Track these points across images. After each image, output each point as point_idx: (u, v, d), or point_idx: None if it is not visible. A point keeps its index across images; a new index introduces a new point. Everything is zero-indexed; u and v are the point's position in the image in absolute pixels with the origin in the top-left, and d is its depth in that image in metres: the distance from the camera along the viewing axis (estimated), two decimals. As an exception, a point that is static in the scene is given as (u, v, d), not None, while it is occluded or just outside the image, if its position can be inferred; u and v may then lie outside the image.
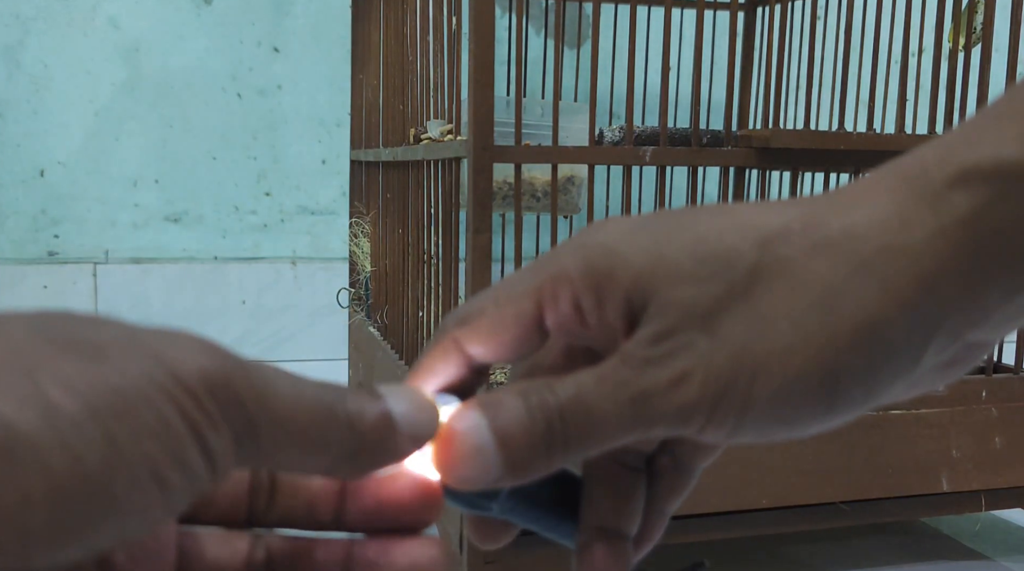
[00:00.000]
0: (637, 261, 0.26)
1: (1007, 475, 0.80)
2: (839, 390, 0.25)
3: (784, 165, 0.79)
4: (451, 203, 0.80)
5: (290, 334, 1.64)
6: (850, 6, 0.83)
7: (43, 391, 0.19)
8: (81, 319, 0.22)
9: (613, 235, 0.27)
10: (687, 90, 0.95)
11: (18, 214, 1.55)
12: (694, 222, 0.26)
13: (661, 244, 0.26)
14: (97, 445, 0.19)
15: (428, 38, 0.89)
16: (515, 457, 0.25)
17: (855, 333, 0.24)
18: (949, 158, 0.24)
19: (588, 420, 0.25)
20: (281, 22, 1.61)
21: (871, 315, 0.24)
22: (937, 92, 0.80)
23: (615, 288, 0.26)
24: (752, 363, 0.25)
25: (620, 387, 0.25)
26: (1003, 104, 0.25)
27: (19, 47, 1.52)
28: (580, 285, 0.26)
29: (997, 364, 0.83)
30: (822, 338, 0.24)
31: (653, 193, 0.77)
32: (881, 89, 1.11)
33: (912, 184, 0.25)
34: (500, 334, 0.28)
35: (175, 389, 0.21)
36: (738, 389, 0.25)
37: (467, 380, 0.29)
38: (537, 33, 1.55)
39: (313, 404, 0.24)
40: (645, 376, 0.25)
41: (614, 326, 0.26)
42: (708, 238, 0.26)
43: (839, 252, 0.25)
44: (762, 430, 0.25)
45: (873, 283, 0.24)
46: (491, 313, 0.28)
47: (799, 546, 0.90)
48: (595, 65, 0.73)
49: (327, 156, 1.65)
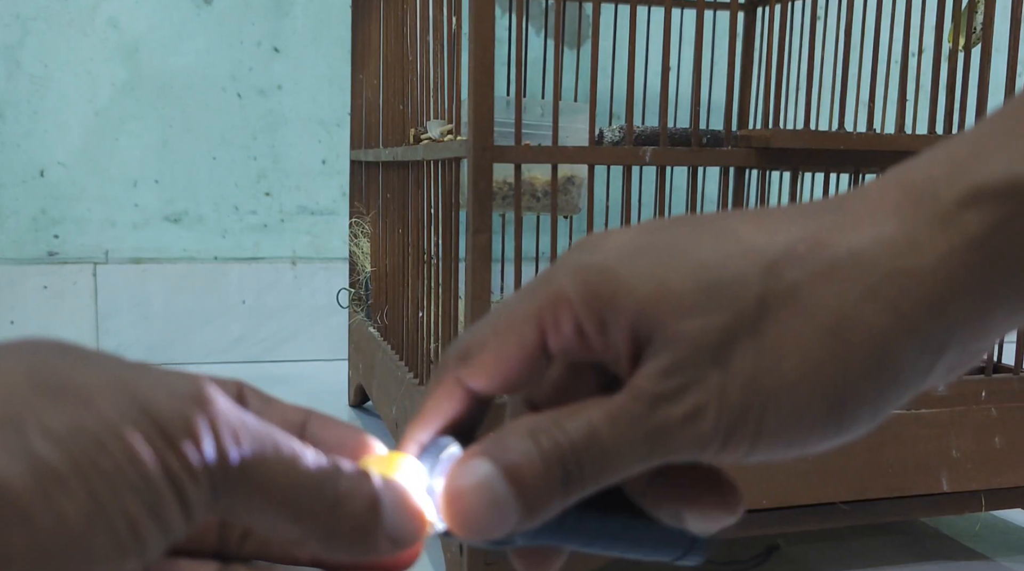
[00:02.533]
0: (640, 289, 0.25)
1: (1007, 475, 0.80)
2: (848, 414, 0.25)
3: (784, 165, 0.79)
4: (451, 203, 0.80)
5: (290, 334, 1.64)
6: (850, 6, 0.83)
7: (30, 443, 0.19)
8: (72, 357, 0.22)
9: (611, 255, 0.26)
10: (687, 90, 0.95)
11: (18, 214, 1.55)
12: (696, 245, 0.26)
13: (664, 270, 0.25)
14: (80, 502, 0.20)
15: (428, 38, 0.89)
16: (533, 503, 0.25)
17: (865, 361, 0.24)
18: (959, 176, 0.24)
19: (603, 459, 0.25)
20: (281, 22, 1.61)
21: (881, 343, 0.24)
22: (937, 92, 0.80)
23: (619, 316, 0.25)
24: (763, 394, 0.24)
25: (634, 424, 0.25)
26: (1009, 118, 0.24)
27: (19, 47, 1.52)
28: (582, 310, 0.26)
29: (997, 364, 0.83)
30: (832, 367, 0.24)
31: (653, 193, 0.77)
32: (881, 89, 1.11)
33: (920, 203, 0.24)
34: (504, 366, 0.27)
35: (158, 440, 0.21)
36: (750, 419, 0.25)
37: (471, 415, 0.28)
38: (537, 33, 1.55)
39: (300, 473, 0.23)
40: (659, 412, 0.25)
41: (619, 349, 0.26)
42: (712, 265, 0.25)
43: (847, 277, 0.24)
44: (773, 452, 0.26)
45: (882, 309, 0.24)
46: (493, 345, 0.27)
47: (799, 546, 0.90)
48: (595, 65, 0.73)
49: (327, 156, 1.65)
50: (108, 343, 1.57)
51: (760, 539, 0.87)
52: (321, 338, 1.64)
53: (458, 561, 0.72)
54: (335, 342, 1.61)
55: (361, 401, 1.33)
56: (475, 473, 0.25)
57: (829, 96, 1.05)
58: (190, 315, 1.60)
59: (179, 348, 1.60)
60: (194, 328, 1.61)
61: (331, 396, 1.38)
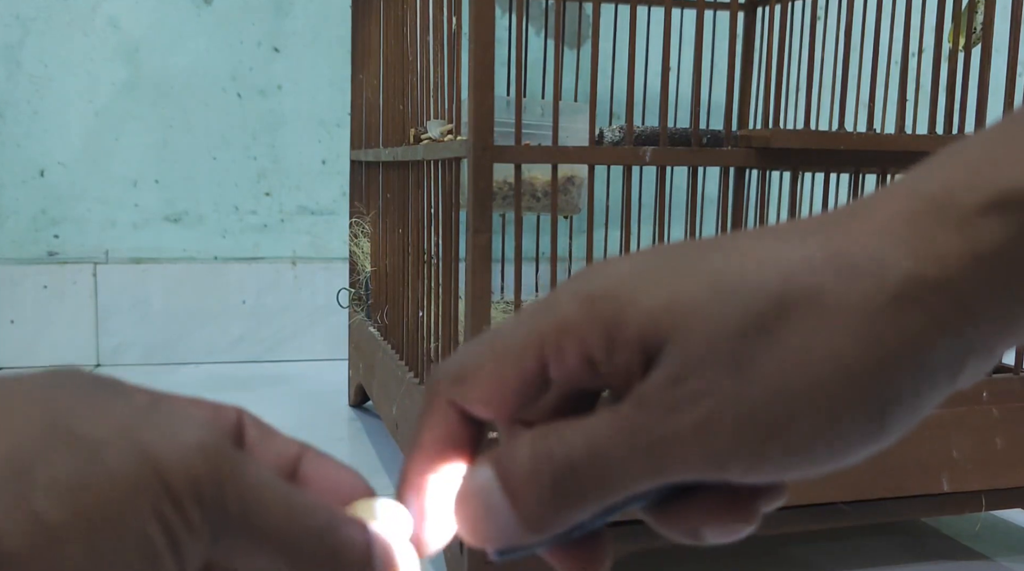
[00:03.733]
0: (649, 301, 0.24)
1: (1007, 475, 0.80)
2: (887, 415, 0.24)
3: (784, 165, 0.79)
4: (451, 203, 0.80)
5: (290, 334, 1.64)
6: (850, 6, 0.83)
7: (32, 498, 0.19)
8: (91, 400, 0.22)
9: (616, 279, 0.25)
10: (687, 90, 0.95)
11: (18, 214, 1.55)
12: (706, 257, 0.25)
13: (674, 281, 0.24)
14: (78, 559, 0.20)
15: (428, 38, 0.89)
16: (529, 514, 0.24)
17: (902, 361, 0.23)
18: (979, 183, 0.23)
19: (603, 471, 0.24)
20: (281, 22, 1.61)
21: (917, 342, 0.23)
22: (937, 92, 0.80)
23: (627, 332, 0.24)
24: (792, 400, 0.23)
25: (637, 434, 0.24)
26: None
27: (19, 47, 1.52)
28: (588, 336, 0.25)
29: (997, 364, 0.83)
30: (867, 367, 0.23)
31: (653, 193, 0.77)
32: (881, 89, 1.11)
33: (938, 212, 0.23)
34: (501, 392, 0.26)
35: (161, 497, 0.21)
36: (781, 430, 0.23)
37: (468, 438, 0.27)
38: (537, 33, 1.55)
39: (302, 524, 0.23)
40: (666, 422, 0.23)
41: (631, 368, 0.25)
42: (726, 272, 0.24)
43: (871, 280, 0.23)
44: (811, 466, 0.24)
45: (914, 309, 0.23)
46: (490, 370, 0.26)
47: (799, 546, 0.90)
48: (595, 65, 0.73)
49: (327, 156, 1.65)
50: (108, 343, 1.57)
51: (760, 539, 0.87)
52: (321, 338, 1.64)
53: (459, 559, 0.72)
54: (335, 342, 1.61)
55: (361, 401, 1.33)
56: (477, 478, 0.25)
57: (829, 96, 1.05)
58: (190, 315, 1.60)
59: (179, 348, 1.60)
60: (194, 328, 1.61)
61: (331, 396, 1.38)
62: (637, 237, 1.24)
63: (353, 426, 1.25)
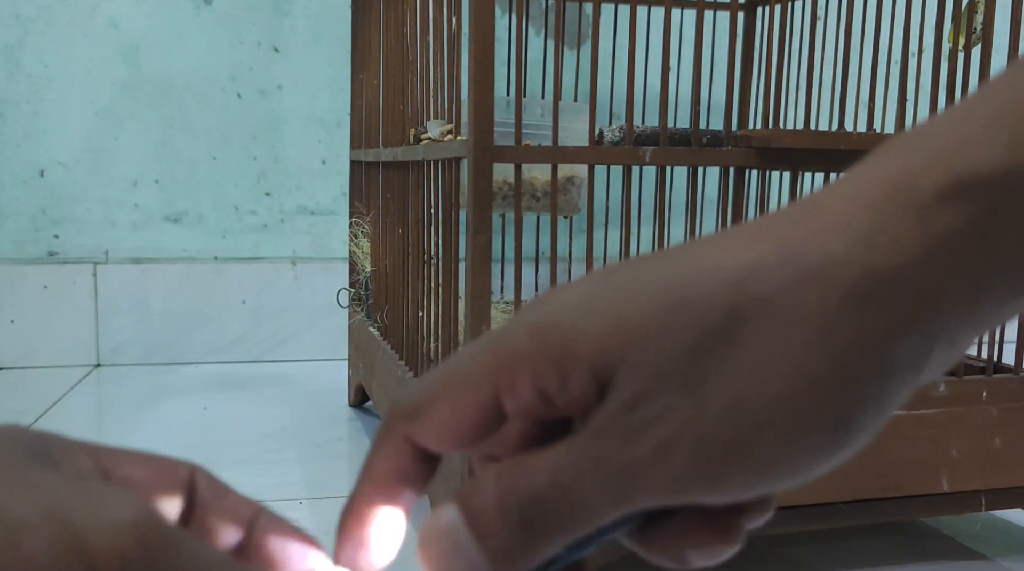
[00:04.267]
0: (596, 327, 0.23)
1: (1007, 475, 0.80)
2: (852, 422, 0.23)
3: (784, 165, 0.79)
4: (451, 203, 0.80)
5: (290, 334, 1.64)
6: (850, 6, 0.83)
7: None
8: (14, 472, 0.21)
9: (564, 307, 0.24)
10: (687, 90, 0.95)
11: (18, 214, 1.55)
12: (657, 273, 0.24)
13: (621, 305, 0.24)
14: None
15: (428, 38, 0.89)
16: (497, 552, 0.24)
17: (862, 362, 0.22)
18: (937, 168, 0.23)
19: (568, 504, 0.23)
20: (281, 22, 1.61)
21: (874, 341, 0.22)
22: (937, 92, 0.80)
23: (577, 362, 0.23)
24: (750, 417, 0.22)
25: (597, 465, 0.23)
26: (984, 104, 0.23)
27: (19, 47, 1.52)
28: (539, 369, 0.24)
29: (997, 364, 0.83)
30: (827, 374, 0.22)
31: (653, 193, 0.77)
32: (881, 89, 1.11)
33: (897, 198, 0.23)
34: (455, 426, 0.25)
35: None
36: (741, 449, 0.22)
37: (419, 473, 0.27)
38: (537, 33, 1.55)
39: None
40: (623, 450, 0.23)
41: (586, 400, 0.24)
42: (674, 286, 0.23)
43: (824, 281, 0.22)
44: (775, 482, 0.23)
45: (869, 306, 0.22)
46: (443, 403, 0.25)
47: (798, 546, 0.90)
48: (595, 65, 0.73)
49: (327, 156, 1.65)
50: (108, 343, 1.58)
51: (759, 539, 0.87)
52: (321, 338, 1.64)
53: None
54: (335, 342, 1.61)
55: (361, 401, 1.33)
56: (441, 518, 0.24)
57: (829, 96, 1.05)
58: (190, 315, 1.60)
59: (179, 348, 1.60)
60: (194, 328, 1.61)
61: (331, 396, 1.38)
62: (637, 237, 1.24)
63: (353, 426, 1.25)
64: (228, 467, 1.05)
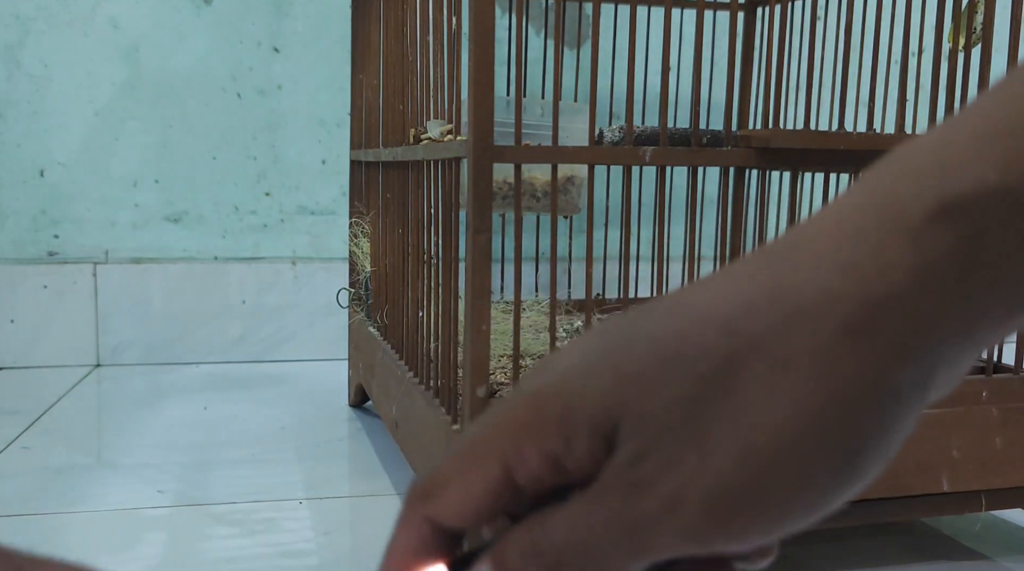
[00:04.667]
0: (595, 386, 0.24)
1: (1007, 475, 0.80)
2: (861, 457, 0.23)
3: (784, 165, 0.79)
4: (451, 203, 0.80)
5: (290, 334, 1.64)
6: (850, 6, 0.83)
7: None
8: None
9: (561, 371, 0.25)
10: (687, 90, 0.95)
11: (18, 214, 1.55)
12: (648, 325, 0.24)
13: (616, 362, 0.24)
14: None
15: (428, 38, 0.89)
16: None
17: (863, 397, 0.22)
18: (926, 190, 0.22)
19: (588, 559, 0.24)
20: (281, 22, 1.61)
21: (874, 374, 0.22)
22: (937, 92, 0.80)
23: (579, 424, 0.24)
24: (761, 461, 0.22)
25: (611, 521, 0.23)
26: (972, 123, 0.23)
27: (19, 47, 1.52)
28: (542, 435, 0.24)
29: (997, 364, 0.83)
30: (832, 412, 0.22)
31: (653, 193, 0.77)
32: (881, 89, 1.11)
33: (886, 224, 0.22)
34: (470, 504, 0.26)
35: None
36: (751, 494, 0.22)
37: (444, 547, 0.27)
38: (537, 33, 1.55)
39: None
40: (634, 505, 0.23)
41: (596, 459, 0.24)
42: (668, 337, 0.23)
43: (817, 317, 0.22)
44: (791, 524, 0.23)
45: (865, 339, 0.22)
46: (456, 483, 0.26)
47: (799, 546, 0.90)
48: (595, 65, 0.73)
49: (327, 156, 1.65)
50: (108, 343, 1.57)
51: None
52: (321, 338, 1.64)
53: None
54: (335, 342, 1.61)
55: (361, 401, 1.33)
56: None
57: (829, 96, 1.05)
58: (190, 315, 1.60)
59: (179, 348, 1.60)
60: (194, 328, 1.61)
61: (331, 396, 1.38)
62: (637, 237, 1.24)
63: (353, 426, 1.25)
64: (228, 467, 1.05)
